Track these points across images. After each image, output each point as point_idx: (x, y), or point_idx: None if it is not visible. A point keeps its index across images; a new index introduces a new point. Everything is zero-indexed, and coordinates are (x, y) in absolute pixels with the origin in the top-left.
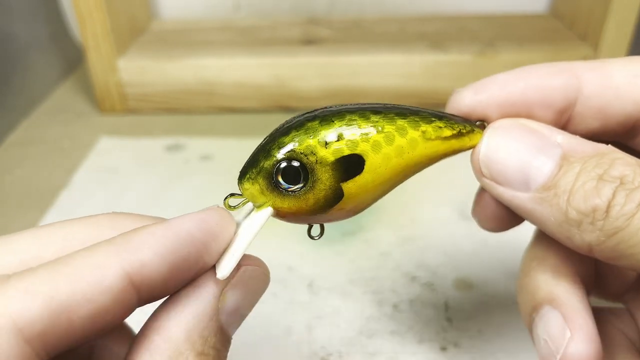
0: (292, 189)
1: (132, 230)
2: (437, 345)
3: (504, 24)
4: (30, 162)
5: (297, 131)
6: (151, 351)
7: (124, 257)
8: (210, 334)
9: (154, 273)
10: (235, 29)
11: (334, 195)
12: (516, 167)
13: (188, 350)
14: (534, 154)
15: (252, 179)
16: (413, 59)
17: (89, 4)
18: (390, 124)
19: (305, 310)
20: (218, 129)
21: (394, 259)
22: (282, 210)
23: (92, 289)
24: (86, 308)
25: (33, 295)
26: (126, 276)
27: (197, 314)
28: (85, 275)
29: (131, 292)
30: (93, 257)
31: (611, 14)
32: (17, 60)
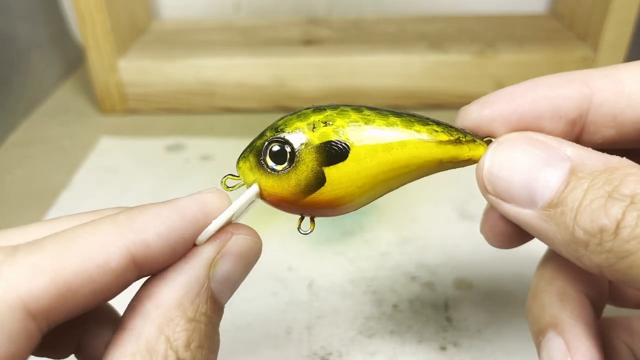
0: (276, 168)
1: (136, 209)
2: (436, 345)
3: (504, 24)
4: (31, 162)
5: (291, 116)
6: (143, 317)
7: (129, 237)
8: (201, 301)
9: (157, 253)
10: (235, 29)
11: (316, 178)
12: (521, 182)
13: (179, 317)
14: (539, 168)
15: (245, 157)
16: (413, 59)
17: (89, 5)
18: (382, 119)
19: (305, 310)
20: (218, 129)
21: (394, 259)
22: (266, 190)
23: (97, 270)
24: (90, 287)
25: (40, 271)
26: (130, 257)
27: (188, 281)
28: (91, 255)
29: (133, 271)
30: (99, 235)
31: (611, 14)
32: (18, 60)
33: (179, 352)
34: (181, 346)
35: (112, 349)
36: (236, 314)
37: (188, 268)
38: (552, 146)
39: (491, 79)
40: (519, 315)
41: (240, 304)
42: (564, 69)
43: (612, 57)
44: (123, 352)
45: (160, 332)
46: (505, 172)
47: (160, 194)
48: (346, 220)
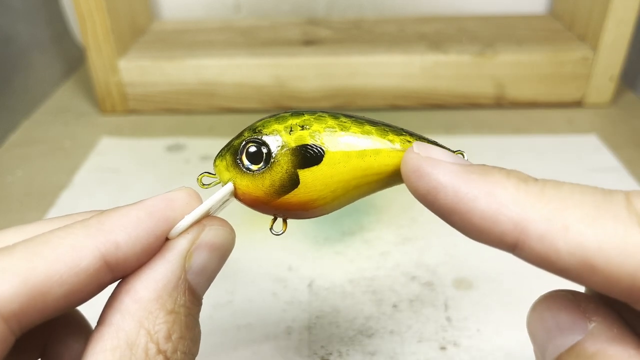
0: (252, 168)
1: (106, 212)
2: (436, 345)
3: (504, 24)
4: (32, 162)
5: (269, 118)
6: (122, 312)
7: (98, 238)
8: (179, 293)
9: (128, 253)
10: (235, 29)
11: (290, 180)
12: (539, 340)
13: (158, 310)
14: (554, 335)
15: (221, 155)
16: (412, 59)
17: (90, 5)
18: (358, 126)
19: (305, 310)
20: (218, 129)
21: (394, 259)
22: (241, 189)
23: (68, 271)
24: (61, 289)
25: (10, 275)
26: (101, 257)
27: (165, 274)
28: (61, 257)
29: (105, 272)
30: (69, 238)
31: (611, 14)
32: (18, 60)
33: (160, 344)
34: (162, 338)
35: (92, 345)
36: (236, 314)
37: (164, 261)
38: (579, 313)
39: (491, 79)
40: (518, 315)
41: (240, 304)
42: (563, 70)
43: (612, 57)
44: (103, 347)
45: (140, 326)
46: (532, 325)
47: (160, 193)
48: (346, 220)
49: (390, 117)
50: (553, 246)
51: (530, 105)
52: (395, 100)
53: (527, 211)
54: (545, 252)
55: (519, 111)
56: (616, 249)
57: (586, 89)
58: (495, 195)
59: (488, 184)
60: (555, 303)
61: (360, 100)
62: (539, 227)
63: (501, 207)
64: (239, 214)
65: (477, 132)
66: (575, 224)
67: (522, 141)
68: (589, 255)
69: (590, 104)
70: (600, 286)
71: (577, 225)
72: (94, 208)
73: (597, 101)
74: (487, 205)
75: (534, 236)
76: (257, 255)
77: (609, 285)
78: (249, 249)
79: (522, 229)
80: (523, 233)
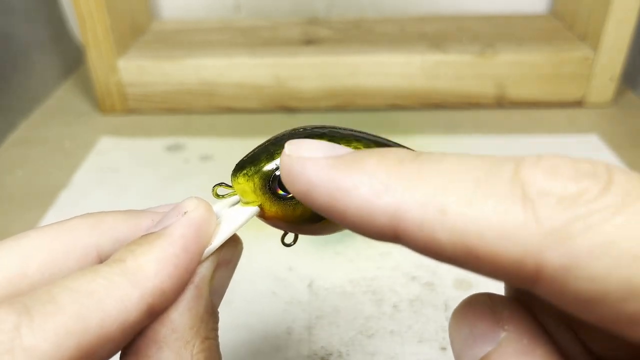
0: (284, 196)
1: (140, 251)
2: (436, 345)
3: (504, 24)
4: (31, 162)
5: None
6: (158, 343)
7: (145, 287)
8: (208, 317)
9: (171, 294)
10: (235, 29)
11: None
12: (457, 349)
13: (194, 338)
14: (468, 344)
15: (248, 175)
16: (413, 59)
17: (89, 5)
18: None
19: (305, 310)
20: (218, 129)
21: (394, 259)
22: (269, 214)
23: (118, 327)
24: (110, 345)
25: (64, 337)
26: (147, 306)
27: (196, 301)
28: (112, 314)
29: (149, 317)
30: (114, 289)
31: (611, 14)
32: (18, 60)
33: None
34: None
35: None
36: (237, 313)
37: (192, 288)
38: (492, 322)
39: (491, 79)
40: None
41: (240, 304)
42: (563, 70)
43: (612, 57)
44: None
45: (179, 357)
46: (451, 333)
47: (160, 194)
48: None
49: (390, 117)
50: (432, 234)
51: (531, 105)
52: (395, 100)
53: (401, 198)
54: (426, 242)
55: (519, 111)
56: (495, 231)
57: (587, 88)
58: (365, 185)
59: (358, 174)
60: (471, 310)
61: (360, 100)
62: (415, 215)
63: (372, 199)
64: None
65: (477, 132)
66: (453, 206)
67: (522, 141)
68: (469, 241)
69: (591, 103)
70: (489, 274)
71: (455, 207)
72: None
73: (598, 101)
74: (358, 198)
75: (412, 225)
76: (257, 255)
77: (497, 273)
78: (249, 249)
79: (398, 220)
80: (400, 224)
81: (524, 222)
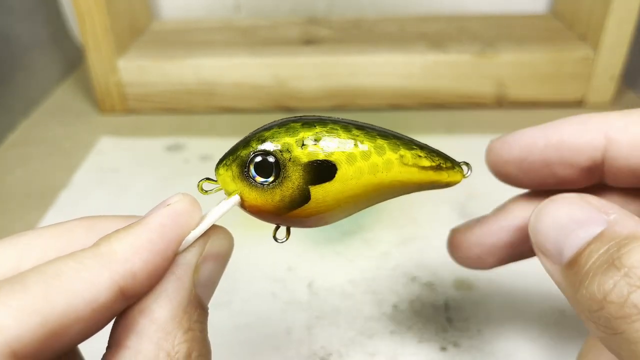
0: (261, 182)
1: (114, 235)
2: (437, 345)
3: (504, 24)
4: (31, 162)
5: (278, 128)
6: (139, 333)
7: (114, 270)
8: (192, 309)
9: (144, 280)
10: (235, 29)
11: (300, 196)
12: (554, 239)
13: (176, 329)
14: (573, 228)
15: (227, 165)
16: (413, 59)
17: (89, 4)
18: (370, 141)
19: (305, 310)
20: (218, 129)
21: (394, 259)
22: (248, 202)
23: (85, 307)
24: (78, 326)
25: (29, 314)
26: (119, 290)
27: (178, 292)
28: (79, 293)
29: (121, 302)
30: (84, 270)
31: (611, 14)
32: (18, 60)
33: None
34: (182, 358)
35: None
36: (236, 314)
37: (174, 278)
38: (592, 209)
39: (491, 79)
40: (519, 315)
41: (240, 304)
42: (564, 69)
43: (612, 57)
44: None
45: (159, 348)
46: (544, 227)
47: (160, 194)
48: (346, 220)
49: (390, 117)
50: (637, 131)
51: (531, 105)
52: (395, 100)
53: (606, 116)
54: (631, 139)
55: (519, 111)
56: None
57: (587, 88)
58: (576, 118)
59: (559, 120)
60: (564, 203)
61: (361, 100)
62: (620, 122)
63: (584, 122)
64: (238, 213)
65: (477, 132)
66: None
67: None
68: None
69: (591, 103)
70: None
71: None
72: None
73: (598, 101)
74: (572, 125)
75: (619, 129)
76: (257, 255)
77: None
78: (248, 249)
79: (606, 128)
80: (608, 131)
81: None
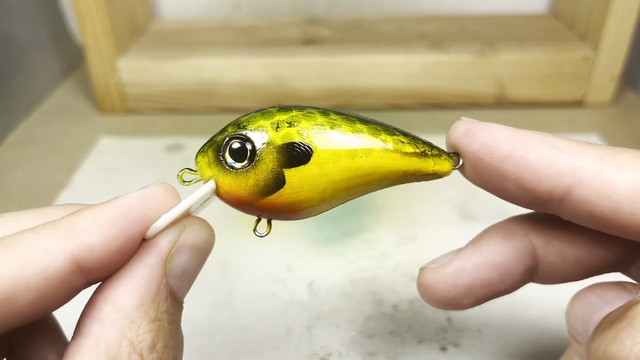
0: (235, 166)
1: (79, 210)
2: (437, 345)
3: (504, 24)
4: (31, 162)
5: (255, 113)
6: (102, 321)
7: (71, 241)
8: (161, 299)
9: (103, 255)
10: (235, 29)
11: (275, 180)
12: (582, 319)
13: (141, 318)
14: (601, 306)
15: (203, 152)
16: (413, 59)
17: (89, 4)
18: (348, 125)
19: (305, 311)
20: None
21: (394, 259)
22: (223, 187)
23: (36, 275)
24: (29, 294)
25: None
26: (73, 261)
27: (146, 280)
28: (30, 260)
29: (78, 276)
30: (38, 239)
31: (611, 14)
32: (17, 60)
33: (144, 355)
34: (146, 348)
35: (69, 358)
36: (236, 314)
37: (144, 266)
38: (626, 291)
39: (491, 79)
40: (519, 315)
41: (240, 304)
42: (564, 69)
43: (612, 57)
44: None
45: (122, 336)
46: (575, 308)
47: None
48: (346, 220)
49: (390, 117)
50: (609, 181)
51: (531, 105)
52: (395, 100)
53: (581, 152)
54: (601, 188)
55: (519, 111)
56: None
57: (587, 88)
58: (550, 141)
59: (540, 134)
60: (597, 288)
61: (360, 100)
62: (594, 165)
63: (556, 150)
64: (238, 212)
65: None
66: (627, 163)
67: None
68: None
69: (591, 103)
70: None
71: (629, 163)
72: None
73: (598, 101)
74: (543, 148)
75: (590, 172)
76: (257, 255)
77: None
78: (248, 249)
79: (577, 167)
80: (578, 170)
81: None
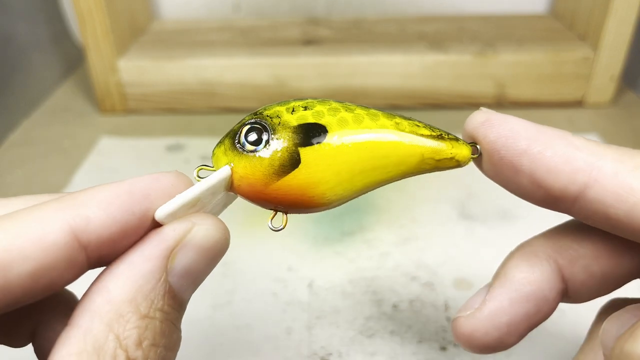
0: (250, 149)
1: (83, 190)
2: (436, 345)
3: (504, 24)
4: (31, 162)
5: (273, 104)
6: (92, 312)
7: (68, 212)
8: (157, 296)
9: (102, 230)
10: (235, 29)
11: (290, 159)
12: (614, 337)
13: (130, 313)
14: (632, 322)
15: (220, 142)
16: (413, 59)
17: (89, 4)
18: (363, 110)
19: (305, 310)
20: (218, 129)
21: (394, 259)
22: (238, 173)
23: (32, 245)
24: (25, 265)
25: None
26: (71, 232)
27: (142, 274)
28: (25, 230)
29: (77, 250)
30: (37, 212)
31: (611, 14)
32: (18, 60)
33: (129, 351)
34: (131, 344)
35: (58, 347)
36: (236, 314)
37: (142, 259)
38: None
39: (491, 79)
40: None
41: (240, 304)
42: (563, 69)
43: (612, 57)
44: (69, 351)
45: (110, 330)
46: (609, 326)
47: None
48: (346, 220)
49: None
50: (627, 183)
51: (531, 105)
52: (395, 100)
53: (599, 152)
54: (618, 190)
55: (519, 111)
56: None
57: (587, 88)
58: (568, 139)
59: (559, 132)
60: (631, 307)
61: (360, 100)
62: (612, 166)
63: (574, 148)
64: (238, 212)
65: None
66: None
67: None
68: None
69: (591, 103)
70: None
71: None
72: None
73: (598, 101)
74: (561, 145)
75: (608, 173)
76: (257, 255)
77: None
78: (248, 249)
79: (594, 167)
80: (595, 170)
81: None
